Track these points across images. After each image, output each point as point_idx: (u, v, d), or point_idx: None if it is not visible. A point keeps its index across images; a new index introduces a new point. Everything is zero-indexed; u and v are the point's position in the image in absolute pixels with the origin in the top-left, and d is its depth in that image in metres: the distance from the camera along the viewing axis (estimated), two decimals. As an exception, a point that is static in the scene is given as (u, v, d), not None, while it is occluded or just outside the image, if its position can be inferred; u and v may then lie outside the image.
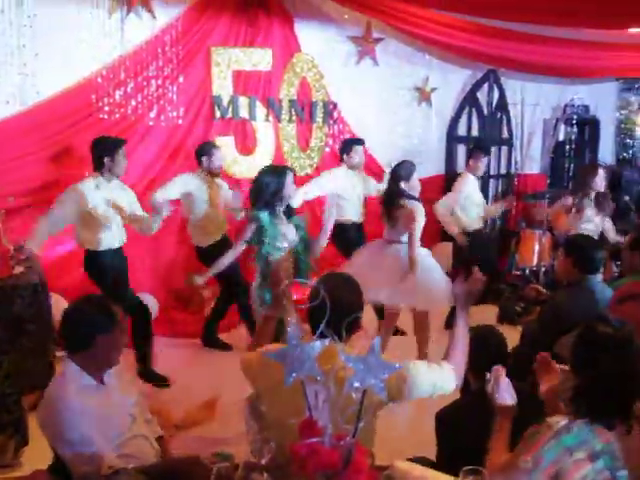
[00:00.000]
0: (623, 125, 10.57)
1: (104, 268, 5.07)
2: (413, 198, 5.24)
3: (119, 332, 2.75)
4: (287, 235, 4.49)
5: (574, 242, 4.17)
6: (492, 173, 8.91)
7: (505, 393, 2.53)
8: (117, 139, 5.17)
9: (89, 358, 2.68)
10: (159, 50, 6.28)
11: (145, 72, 6.23)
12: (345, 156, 6.42)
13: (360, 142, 6.60)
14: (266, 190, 4.46)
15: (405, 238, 5.22)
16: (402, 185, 5.28)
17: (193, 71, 6.58)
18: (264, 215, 4.42)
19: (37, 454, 3.07)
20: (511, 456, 2.23)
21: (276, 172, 4.61)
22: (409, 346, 5.48)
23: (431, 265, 5.36)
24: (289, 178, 4.53)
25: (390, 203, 5.30)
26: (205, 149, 5.89)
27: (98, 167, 5.00)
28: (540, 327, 3.88)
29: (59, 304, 5.02)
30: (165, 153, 6.46)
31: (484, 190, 8.77)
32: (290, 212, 4.72)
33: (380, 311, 5.90)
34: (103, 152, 4.98)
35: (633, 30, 7.31)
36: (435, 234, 8.59)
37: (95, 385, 2.71)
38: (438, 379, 2.56)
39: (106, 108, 6.02)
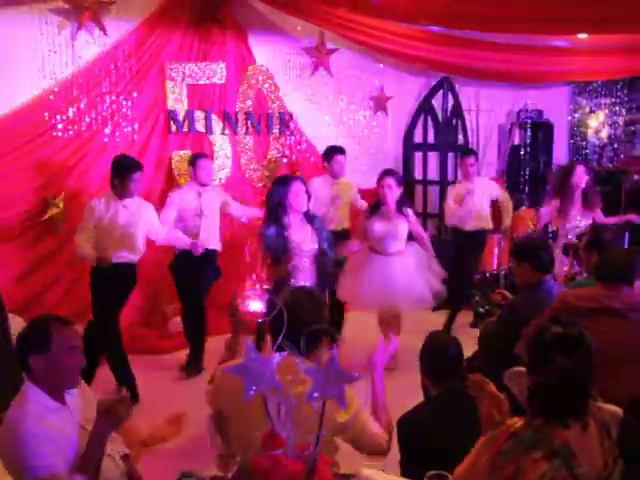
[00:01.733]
0: (576, 128, 10.77)
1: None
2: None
3: (57, 350, 2.59)
4: (300, 241, 4.70)
5: (525, 247, 4.20)
6: (450, 179, 9.00)
7: None
8: (132, 163, 5.20)
9: (42, 379, 2.61)
10: (112, 66, 6.24)
11: (98, 88, 6.19)
12: (326, 164, 6.70)
13: (340, 150, 6.80)
14: (271, 201, 4.74)
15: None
16: None
17: (147, 86, 6.54)
18: (269, 230, 4.69)
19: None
20: (471, 458, 2.25)
21: (280, 182, 4.87)
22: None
23: (412, 267, 5.70)
24: (294, 186, 4.71)
25: None
26: (190, 160, 6.05)
27: (111, 185, 5.14)
28: (499, 330, 3.91)
29: (17, 324, 4.95)
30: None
31: (442, 197, 8.87)
32: (310, 217, 4.88)
33: None
34: (114, 172, 5.11)
35: (582, 35, 7.46)
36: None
37: (56, 407, 2.62)
38: (375, 442, 2.69)
39: (60, 125, 5.96)
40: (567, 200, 6.36)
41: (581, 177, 6.36)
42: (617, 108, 10.35)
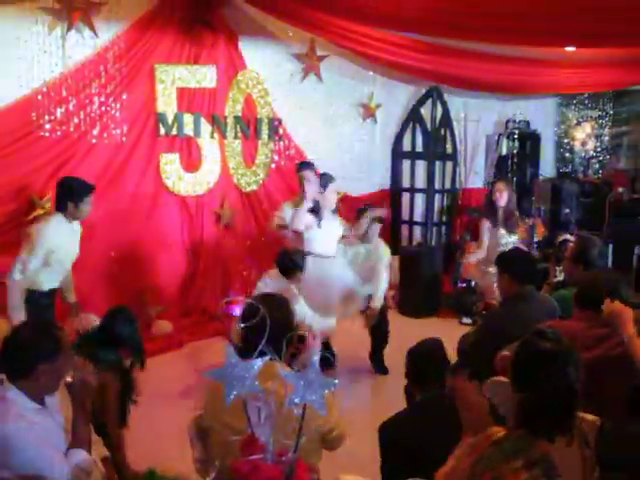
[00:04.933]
0: (562, 140, 10.85)
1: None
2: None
3: (63, 360, 2.64)
4: None
5: (506, 258, 4.21)
6: (437, 188, 9.04)
7: None
8: (86, 185, 4.82)
9: (30, 384, 2.61)
10: (101, 67, 6.21)
11: (87, 89, 6.15)
12: None
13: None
14: None
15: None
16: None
17: (137, 88, 6.52)
18: None
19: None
20: (453, 464, 2.26)
21: None
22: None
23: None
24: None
25: None
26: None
27: (60, 208, 4.72)
28: (477, 341, 3.89)
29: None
30: (109, 171, 6.38)
31: (429, 205, 8.91)
32: None
33: None
34: (69, 197, 4.70)
35: (569, 48, 7.52)
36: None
37: (37, 408, 2.63)
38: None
39: (47, 126, 5.93)
40: (493, 219, 6.38)
41: (496, 195, 6.37)
42: (603, 121, 10.45)
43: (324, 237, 5.62)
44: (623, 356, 2.86)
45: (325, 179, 5.76)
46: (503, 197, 6.37)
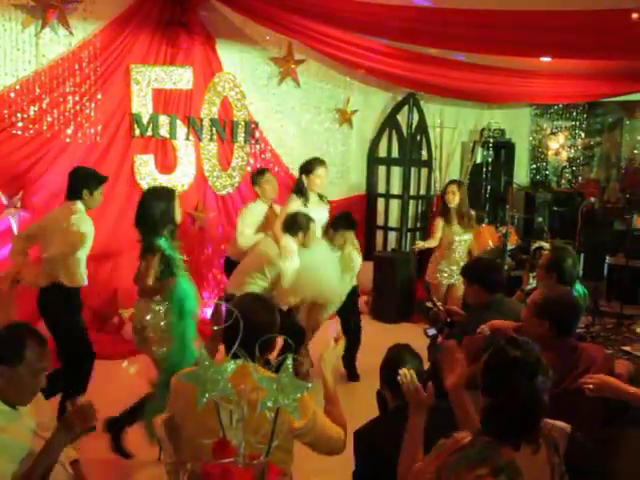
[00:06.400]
0: (537, 149, 10.96)
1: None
2: None
3: (25, 372, 2.59)
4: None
5: (474, 269, 4.23)
6: (412, 194, 9.08)
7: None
8: (100, 176, 4.76)
9: None
10: (76, 66, 6.14)
11: (61, 88, 6.08)
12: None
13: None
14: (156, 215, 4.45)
15: None
16: None
17: (112, 88, 6.46)
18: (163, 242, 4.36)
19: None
20: (420, 466, 2.26)
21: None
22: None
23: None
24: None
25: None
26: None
27: (74, 196, 4.63)
28: None
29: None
30: (82, 171, 6.31)
31: (404, 211, 8.95)
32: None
33: None
34: (84, 185, 4.63)
35: (544, 59, 7.59)
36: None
37: (7, 411, 2.60)
38: (332, 444, 2.70)
39: (20, 124, 5.85)
40: (447, 217, 6.63)
41: (449, 196, 6.60)
42: (576, 131, 10.57)
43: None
44: None
45: (312, 163, 5.86)
46: (455, 199, 6.57)
